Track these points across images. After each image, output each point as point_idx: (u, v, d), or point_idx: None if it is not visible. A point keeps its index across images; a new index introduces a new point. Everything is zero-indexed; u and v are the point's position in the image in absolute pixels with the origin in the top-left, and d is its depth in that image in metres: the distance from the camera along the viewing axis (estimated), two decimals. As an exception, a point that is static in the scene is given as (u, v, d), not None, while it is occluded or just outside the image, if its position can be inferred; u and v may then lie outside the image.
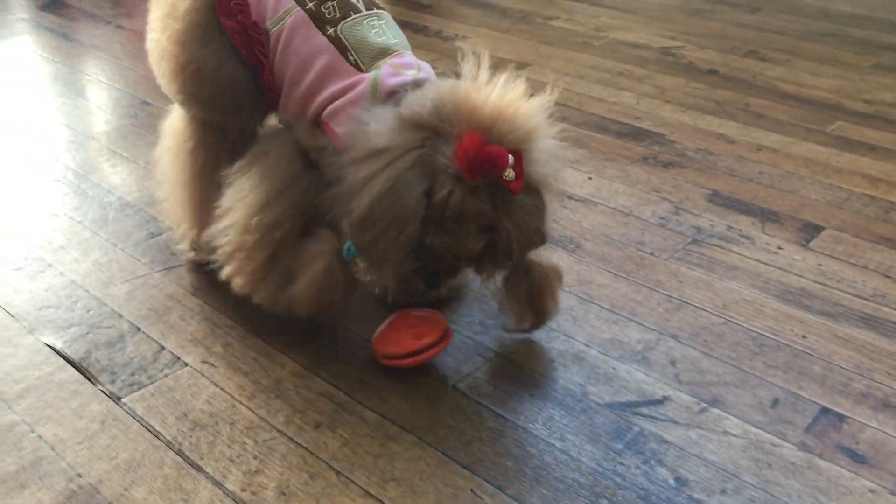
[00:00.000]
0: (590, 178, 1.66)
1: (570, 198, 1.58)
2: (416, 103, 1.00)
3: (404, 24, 2.60)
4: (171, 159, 1.27)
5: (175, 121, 1.27)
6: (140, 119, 1.85)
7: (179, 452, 0.98)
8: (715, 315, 1.26)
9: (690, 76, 2.23)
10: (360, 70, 1.09)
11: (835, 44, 2.53)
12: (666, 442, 1.02)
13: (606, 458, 0.99)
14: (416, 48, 2.36)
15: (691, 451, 1.01)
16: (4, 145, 1.73)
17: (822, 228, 1.50)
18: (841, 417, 1.07)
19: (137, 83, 2.05)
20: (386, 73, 1.07)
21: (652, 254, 1.41)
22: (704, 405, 1.08)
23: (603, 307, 1.27)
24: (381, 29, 1.13)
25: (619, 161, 1.74)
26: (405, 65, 1.09)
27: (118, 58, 2.22)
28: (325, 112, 1.09)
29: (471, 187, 0.97)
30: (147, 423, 1.02)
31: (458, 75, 1.03)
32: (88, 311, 1.22)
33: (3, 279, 1.29)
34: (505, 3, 2.87)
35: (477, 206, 0.98)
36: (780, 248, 1.44)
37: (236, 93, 1.17)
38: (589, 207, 1.55)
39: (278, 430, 1.02)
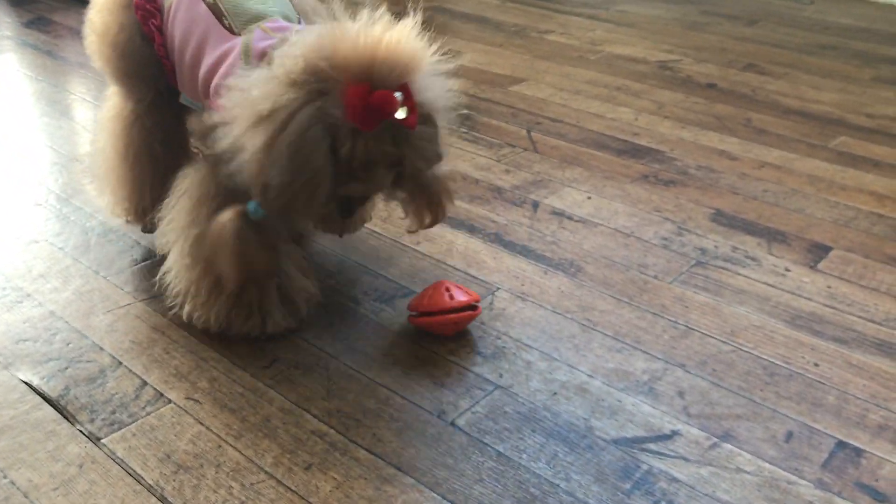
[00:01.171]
0: (589, 198, 1.61)
1: (570, 218, 1.53)
2: (287, 61, 0.98)
3: (397, 40, 2.55)
4: (104, 128, 1.34)
5: (108, 98, 1.35)
6: (126, 139, 1.80)
7: (162, 498, 0.92)
8: (723, 342, 1.21)
9: (689, 91, 2.19)
10: (232, 33, 1.12)
11: (834, 56, 2.49)
12: (676, 481, 0.97)
13: (614, 499, 0.94)
14: (409, 64, 2.32)
15: (703, 491, 0.96)
16: (-15, 168, 1.67)
17: (830, 249, 1.46)
18: (858, 452, 1.02)
19: (124, 102, 2.00)
20: (257, 37, 1.09)
21: (655, 277, 1.36)
22: (715, 440, 1.03)
23: (606, 335, 1.22)
24: None
25: (619, 179, 1.69)
26: (278, 28, 1.11)
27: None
28: (211, 90, 1.12)
29: (371, 134, 0.97)
30: (128, 466, 0.97)
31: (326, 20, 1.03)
32: (68, 344, 1.16)
33: (-20, 310, 1.23)
34: (499, 17, 2.83)
35: (381, 149, 0.99)
36: (787, 269, 1.39)
37: (136, 60, 1.24)
38: (589, 228, 1.50)
39: (266, 473, 0.96)
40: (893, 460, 1.01)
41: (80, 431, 1.01)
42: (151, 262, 1.35)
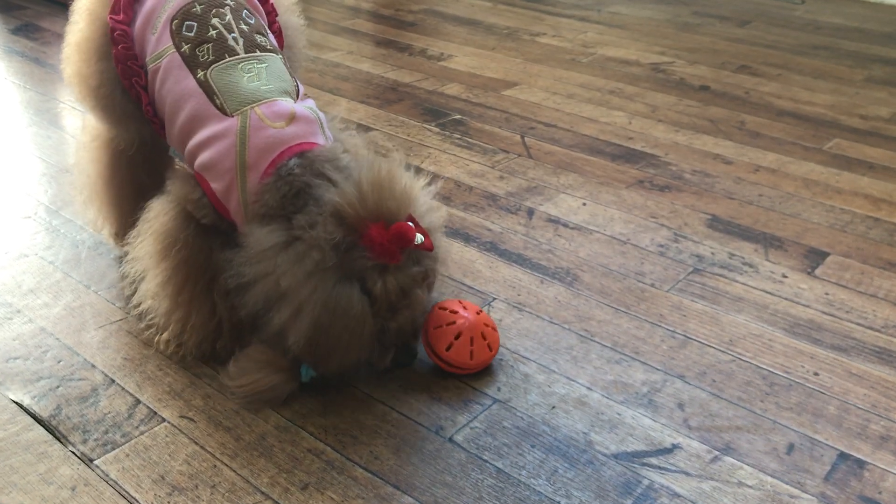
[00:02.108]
0: (584, 204, 1.60)
1: (566, 225, 1.52)
2: (314, 252, 0.99)
3: (388, 43, 2.54)
4: (86, 153, 1.32)
5: (89, 120, 1.32)
6: (115, 148, 1.78)
7: (156, 521, 0.91)
8: (721, 352, 1.20)
9: (682, 93, 2.18)
10: (224, 114, 1.07)
11: (827, 57, 2.49)
12: (678, 496, 0.96)
13: (616, 516, 0.93)
14: (400, 68, 2.31)
15: (705, 506, 0.95)
16: (-28, 179, 1.65)
17: (827, 254, 1.45)
18: (861, 464, 1.01)
19: (113, 110, 1.97)
20: (253, 124, 1.06)
21: (653, 285, 1.35)
22: (716, 453, 1.02)
23: (605, 345, 1.21)
24: (258, 73, 1.11)
25: (614, 185, 1.68)
26: (274, 115, 1.07)
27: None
28: (198, 163, 1.09)
29: (396, 265, 1.01)
30: (121, 488, 0.95)
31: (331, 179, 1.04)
32: (59, 361, 1.15)
33: (-31, 327, 1.21)
34: (491, 19, 2.82)
35: (411, 275, 1.02)
36: (784, 276, 1.38)
37: (118, 114, 1.21)
38: (585, 236, 1.49)
39: (263, 493, 0.95)
40: (896, 472, 1.00)
41: (73, 453, 1.00)
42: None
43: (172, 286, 1.11)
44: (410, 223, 1.02)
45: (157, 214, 1.13)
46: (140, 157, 1.28)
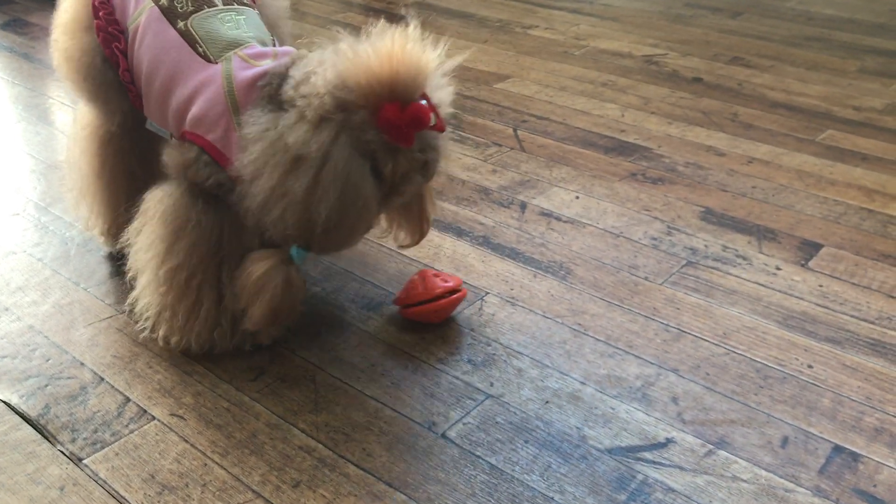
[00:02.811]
0: (577, 198, 1.59)
1: (559, 219, 1.51)
2: (313, 100, 0.97)
3: (380, 37, 2.52)
4: (76, 145, 1.31)
5: (80, 111, 1.31)
6: (105, 144, 1.76)
7: (146, 521, 0.90)
8: (715, 345, 1.19)
9: (675, 85, 2.17)
10: (208, 61, 1.08)
11: (819, 48, 2.48)
12: (672, 491, 0.95)
13: (609, 512, 0.92)
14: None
15: (699, 501, 0.94)
16: (-40, 176, 1.64)
17: (821, 246, 1.44)
18: (855, 457, 1.01)
19: (102, 105, 1.96)
20: (237, 66, 1.06)
21: (646, 278, 1.34)
22: (710, 447, 1.01)
23: (598, 339, 1.20)
24: (237, 22, 1.13)
25: (607, 178, 1.67)
26: (257, 55, 1.08)
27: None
28: (188, 118, 1.08)
29: (407, 148, 0.99)
30: (111, 487, 0.94)
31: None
32: (48, 360, 1.13)
33: (-44, 326, 1.20)
34: (483, 12, 2.81)
35: (417, 160, 1.01)
36: (778, 268, 1.38)
37: (99, 85, 1.20)
38: (578, 229, 1.48)
39: (254, 491, 0.94)
40: (891, 465, 1.00)
41: (62, 452, 0.99)
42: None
43: (186, 271, 1.08)
44: (424, 101, 0.98)
45: (161, 199, 1.10)
46: (128, 143, 1.26)
